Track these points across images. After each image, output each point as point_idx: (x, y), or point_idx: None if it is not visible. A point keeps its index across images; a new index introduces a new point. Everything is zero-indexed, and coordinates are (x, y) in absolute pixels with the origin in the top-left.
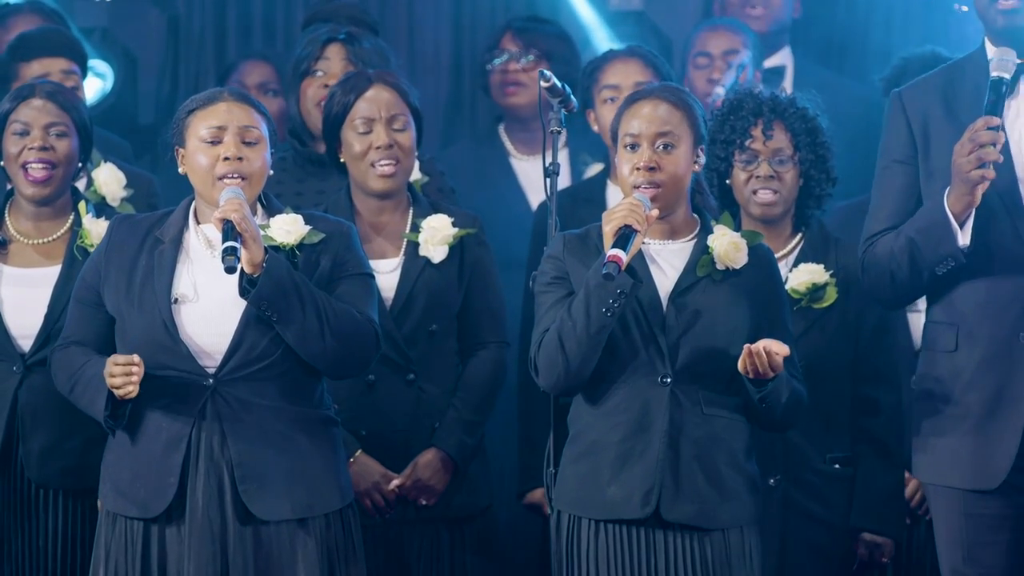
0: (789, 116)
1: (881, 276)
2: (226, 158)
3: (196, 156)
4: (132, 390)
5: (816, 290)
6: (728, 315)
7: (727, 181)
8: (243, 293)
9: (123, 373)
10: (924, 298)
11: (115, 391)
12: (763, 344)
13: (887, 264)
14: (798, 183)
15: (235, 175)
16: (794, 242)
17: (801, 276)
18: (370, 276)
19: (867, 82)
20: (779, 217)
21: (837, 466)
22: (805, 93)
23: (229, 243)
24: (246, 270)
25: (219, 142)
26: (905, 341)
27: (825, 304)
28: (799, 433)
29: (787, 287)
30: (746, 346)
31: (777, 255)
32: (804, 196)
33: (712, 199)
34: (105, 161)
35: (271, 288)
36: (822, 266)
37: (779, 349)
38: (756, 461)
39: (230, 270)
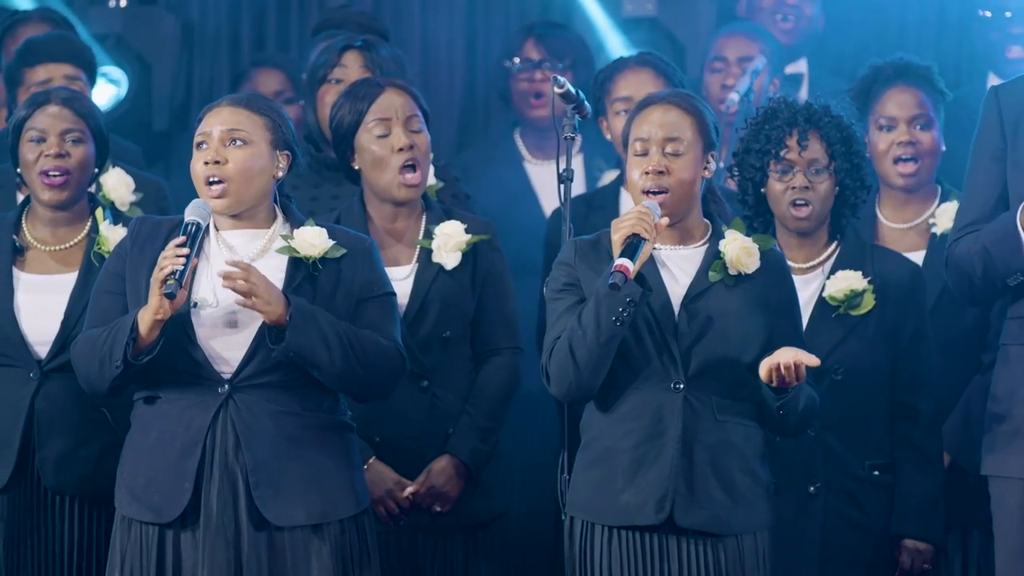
0: (824, 125)
1: (961, 277)
2: (206, 162)
3: (192, 163)
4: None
5: (854, 297)
6: (740, 320)
7: (762, 190)
8: (271, 341)
9: (172, 255)
10: None
11: (164, 270)
12: (793, 358)
13: (966, 267)
14: (833, 192)
15: (215, 178)
16: (830, 250)
17: (839, 283)
18: (392, 295)
19: None
20: (814, 227)
21: (876, 473)
22: (838, 101)
23: (176, 268)
24: (268, 322)
25: (206, 145)
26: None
27: (863, 311)
28: (838, 440)
29: (824, 294)
30: (776, 361)
31: (813, 263)
32: (839, 205)
33: (727, 206)
34: (114, 166)
35: (298, 342)
36: (859, 273)
37: (808, 361)
38: (796, 468)
39: (169, 296)
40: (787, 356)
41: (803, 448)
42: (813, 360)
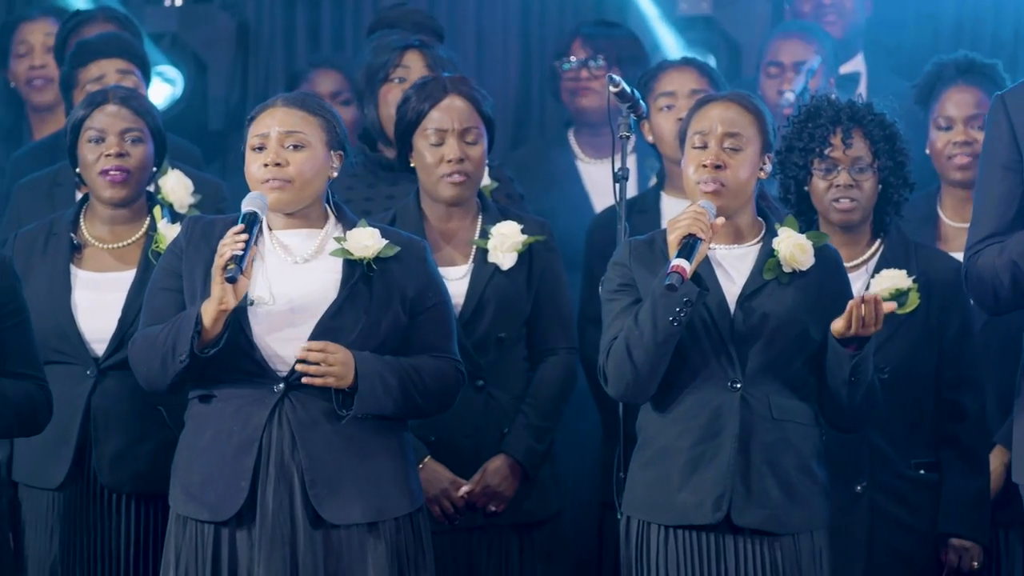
0: (868, 123)
1: (984, 290)
2: (265, 164)
3: (248, 164)
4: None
5: (899, 295)
6: (796, 318)
7: (805, 188)
8: (339, 407)
9: (232, 241)
10: None
11: (224, 256)
12: (871, 294)
13: (990, 280)
14: (877, 190)
15: (275, 180)
16: (873, 248)
17: (884, 282)
18: (446, 302)
19: None
20: (858, 224)
21: (922, 472)
22: (881, 99)
23: (236, 254)
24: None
25: (265, 148)
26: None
27: (908, 310)
28: (884, 439)
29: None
30: (854, 300)
31: (857, 262)
32: (883, 203)
33: (780, 211)
34: (172, 167)
35: (366, 408)
36: (904, 271)
37: (887, 306)
38: (842, 467)
39: (231, 280)
40: (868, 292)
41: (849, 447)
42: (890, 304)
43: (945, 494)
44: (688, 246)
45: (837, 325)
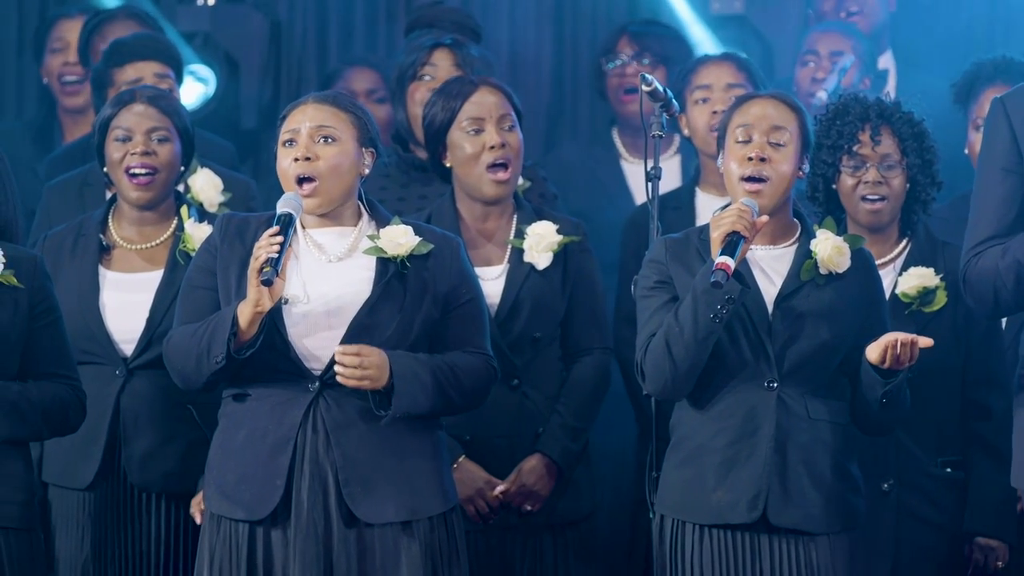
0: (896, 121)
1: (985, 292)
2: (296, 159)
3: (279, 160)
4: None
5: (926, 294)
6: (833, 319)
7: (833, 186)
8: (376, 407)
9: (267, 243)
10: None
11: (259, 259)
12: (909, 336)
13: (991, 281)
14: (905, 188)
15: (305, 175)
16: (900, 247)
17: (911, 280)
18: (478, 298)
19: None
20: (886, 223)
21: (949, 470)
22: (909, 97)
23: (271, 256)
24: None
25: (295, 142)
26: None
27: (935, 308)
28: (911, 438)
29: (897, 291)
30: (893, 338)
31: (884, 260)
32: (910, 201)
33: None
34: (202, 166)
35: (403, 408)
36: (932, 270)
37: (922, 341)
38: (869, 466)
39: (267, 283)
40: (902, 335)
41: (876, 445)
42: (927, 340)
43: (971, 492)
44: (732, 243)
45: (872, 354)
